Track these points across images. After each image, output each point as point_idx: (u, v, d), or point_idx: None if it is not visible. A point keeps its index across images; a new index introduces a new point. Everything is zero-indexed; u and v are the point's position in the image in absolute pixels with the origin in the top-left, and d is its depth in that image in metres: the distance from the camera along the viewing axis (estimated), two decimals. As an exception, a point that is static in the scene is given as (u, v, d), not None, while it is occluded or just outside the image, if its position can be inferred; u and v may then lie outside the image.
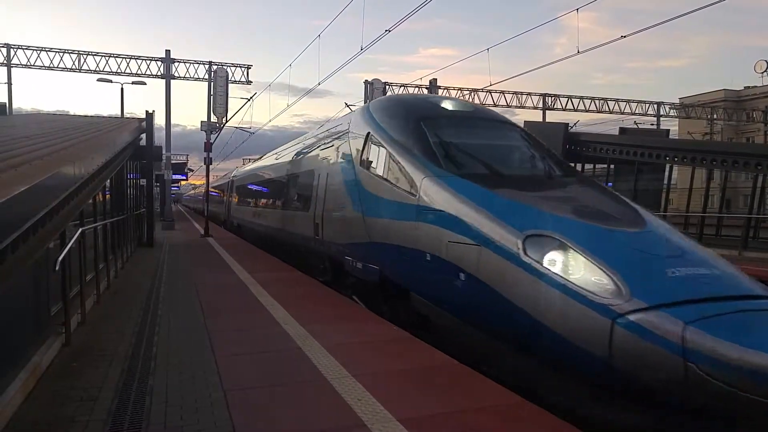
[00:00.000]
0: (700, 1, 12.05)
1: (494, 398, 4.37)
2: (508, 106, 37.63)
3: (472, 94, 35.86)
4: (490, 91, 35.80)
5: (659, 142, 25.00)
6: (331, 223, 9.92)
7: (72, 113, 32.61)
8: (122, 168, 13.14)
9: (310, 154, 12.51)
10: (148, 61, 29.63)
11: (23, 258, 4.26)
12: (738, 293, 4.53)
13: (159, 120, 26.35)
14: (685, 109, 44.53)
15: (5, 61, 28.33)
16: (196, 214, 50.66)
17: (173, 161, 32.74)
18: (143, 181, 19.24)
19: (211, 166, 24.41)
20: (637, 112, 40.13)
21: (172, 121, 29.22)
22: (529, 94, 38.53)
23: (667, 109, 42.23)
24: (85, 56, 29.12)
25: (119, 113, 29.12)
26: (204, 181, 26.93)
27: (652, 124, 39.33)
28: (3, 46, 28.35)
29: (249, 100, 27.86)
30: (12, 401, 4.07)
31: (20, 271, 4.46)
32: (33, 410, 4.14)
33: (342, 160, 9.59)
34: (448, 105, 8.57)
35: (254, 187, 21.11)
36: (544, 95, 38.79)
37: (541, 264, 4.90)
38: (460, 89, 35.75)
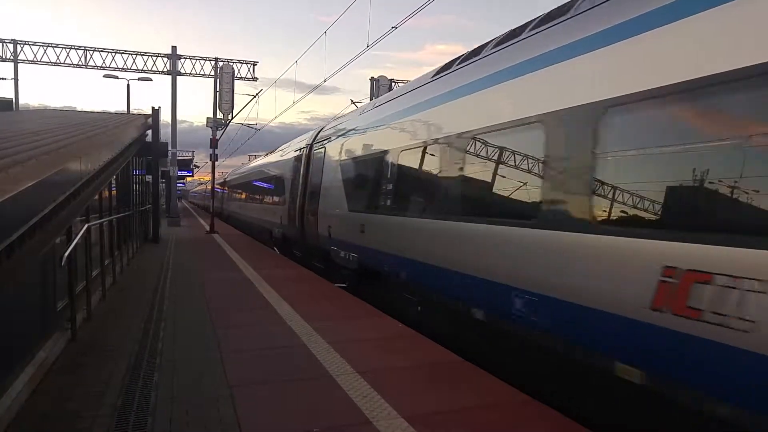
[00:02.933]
0: None
1: (500, 396, 4.36)
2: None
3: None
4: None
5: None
6: None
7: (78, 109, 32.70)
8: (128, 164, 13.18)
9: None
10: (155, 58, 29.69)
11: (30, 253, 4.28)
12: None
13: (165, 116, 26.47)
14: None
15: (12, 57, 28.46)
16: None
17: (179, 157, 32.82)
18: (149, 178, 19.26)
19: (216, 163, 24.47)
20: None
21: (178, 118, 29.41)
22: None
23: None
24: (91, 52, 29.17)
25: (125, 109, 29.16)
26: (215, 175, 26.77)
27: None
28: (10, 42, 28.46)
29: (255, 96, 27.82)
30: (19, 395, 4.09)
31: (27, 266, 4.48)
32: (40, 404, 4.15)
33: None
34: None
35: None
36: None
37: None
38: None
